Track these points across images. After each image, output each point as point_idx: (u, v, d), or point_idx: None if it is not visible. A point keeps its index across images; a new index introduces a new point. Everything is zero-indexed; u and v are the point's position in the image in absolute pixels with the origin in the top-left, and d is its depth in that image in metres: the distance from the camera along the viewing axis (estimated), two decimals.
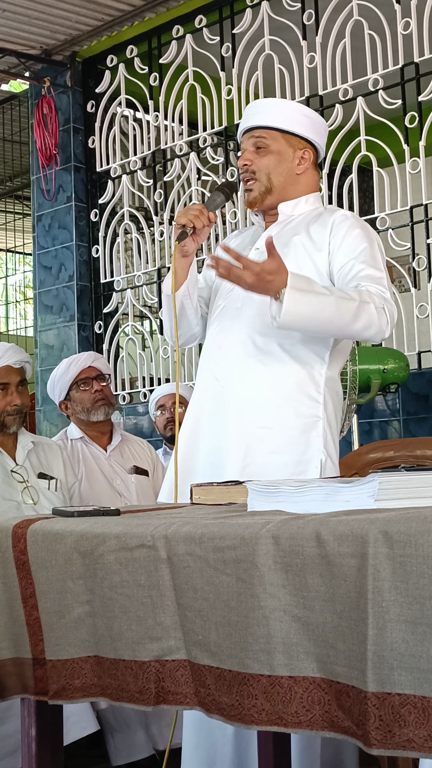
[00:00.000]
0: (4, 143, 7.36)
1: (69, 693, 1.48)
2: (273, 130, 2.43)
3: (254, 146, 2.44)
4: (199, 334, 2.58)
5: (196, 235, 2.39)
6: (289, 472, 2.27)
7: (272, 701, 1.23)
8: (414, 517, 1.15)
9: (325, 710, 1.19)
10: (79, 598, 1.49)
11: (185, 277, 2.45)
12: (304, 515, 1.31)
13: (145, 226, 5.74)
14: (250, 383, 2.34)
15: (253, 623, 1.25)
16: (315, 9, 4.89)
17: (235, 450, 2.32)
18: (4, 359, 3.09)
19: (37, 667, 1.54)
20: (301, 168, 2.46)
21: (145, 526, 1.43)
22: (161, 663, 1.38)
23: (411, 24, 4.48)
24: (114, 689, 1.43)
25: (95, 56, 5.88)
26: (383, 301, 2.26)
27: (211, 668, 1.31)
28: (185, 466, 2.37)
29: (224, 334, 2.42)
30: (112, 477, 3.54)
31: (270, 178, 2.43)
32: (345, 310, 2.22)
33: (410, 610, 1.10)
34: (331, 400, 2.37)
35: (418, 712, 1.08)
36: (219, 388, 2.38)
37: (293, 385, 2.33)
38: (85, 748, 3.11)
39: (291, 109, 2.49)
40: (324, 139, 2.52)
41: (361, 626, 1.14)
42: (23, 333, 9.89)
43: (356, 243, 2.34)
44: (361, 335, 2.31)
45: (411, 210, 4.55)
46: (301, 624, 1.22)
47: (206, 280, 2.62)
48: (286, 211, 2.47)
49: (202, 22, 5.28)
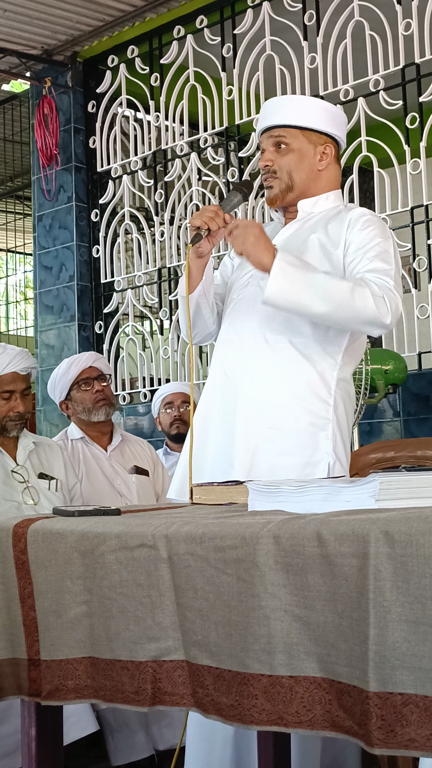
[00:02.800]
0: (4, 143, 7.37)
1: (62, 694, 1.48)
2: (292, 128, 2.40)
3: (274, 146, 2.40)
4: (215, 332, 2.55)
5: (211, 236, 2.35)
6: (297, 474, 2.24)
7: (273, 701, 1.22)
8: (415, 517, 1.15)
9: (326, 710, 1.19)
10: (76, 598, 1.48)
11: (200, 277, 2.41)
12: (305, 515, 1.31)
13: (145, 226, 5.74)
14: (260, 382, 2.32)
15: (254, 623, 1.25)
16: (316, 10, 4.89)
17: (243, 449, 2.30)
18: (12, 365, 3.08)
19: (31, 668, 1.54)
20: (323, 164, 2.42)
21: (146, 525, 1.43)
22: (158, 663, 1.38)
23: (412, 25, 4.48)
24: (108, 690, 1.43)
25: (96, 56, 5.88)
26: (384, 290, 2.21)
27: (210, 668, 1.31)
28: (194, 464, 2.35)
29: (236, 330, 2.40)
30: (113, 477, 3.54)
31: (291, 176, 2.40)
32: (336, 288, 2.19)
33: (412, 610, 1.10)
34: (342, 402, 2.33)
35: (420, 712, 1.08)
36: (229, 385, 2.36)
37: (303, 385, 2.30)
38: (85, 748, 3.11)
39: (309, 104, 2.45)
40: (344, 131, 2.48)
41: (362, 626, 1.13)
42: (23, 333, 9.90)
43: (369, 237, 2.31)
44: (357, 320, 2.23)
45: (411, 211, 4.55)
46: (301, 624, 1.22)
47: (223, 277, 2.60)
48: (306, 209, 2.44)
49: (203, 23, 5.28)
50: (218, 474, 2.28)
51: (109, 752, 2.97)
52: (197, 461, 2.35)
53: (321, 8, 4.87)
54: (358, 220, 2.35)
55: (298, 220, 2.44)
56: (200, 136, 5.35)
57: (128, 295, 5.70)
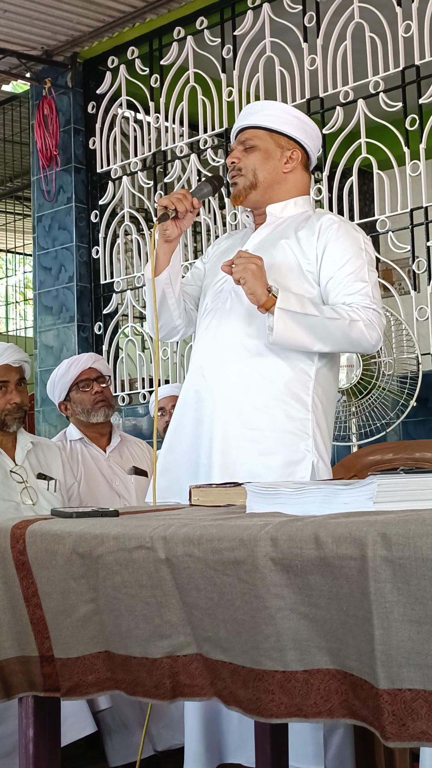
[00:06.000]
0: (4, 144, 7.36)
1: (83, 689, 1.48)
2: (260, 130, 2.48)
3: (242, 145, 2.48)
4: (181, 329, 2.59)
5: (179, 219, 2.41)
6: (279, 474, 2.27)
7: (290, 695, 1.23)
8: (412, 520, 1.15)
9: (343, 699, 1.20)
10: (83, 597, 1.48)
11: (167, 263, 2.46)
12: (303, 517, 1.31)
13: (145, 227, 5.74)
14: (239, 384, 2.35)
15: (261, 622, 1.25)
16: (316, 11, 4.89)
17: (222, 451, 2.33)
18: (3, 358, 3.10)
19: (44, 665, 1.54)
20: (289, 167, 2.48)
21: (144, 527, 1.43)
22: (173, 659, 1.38)
23: (412, 27, 4.48)
24: (129, 683, 1.43)
25: (96, 57, 5.88)
26: (372, 315, 2.32)
27: (225, 663, 1.31)
28: (169, 467, 2.41)
29: (212, 334, 2.43)
30: (112, 478, 3.54)
31: (255, 173, 2.46)
32: (334, 328, 2.29)
33: (414, 610, 1.11)
34: (320, 401, 2.38)
35: (430, 706, 1.10)
36: (207, 387, 2.39)
37: (282, 386, 2.35)
38: (83, 749, 3.11)
39: (279, 109, 2.53)
40: (315, 143, 2.55)
41: (366, 625, 1.14)
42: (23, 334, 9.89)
43: (342, 252, 2.38)
44: (353, 349, 2.42)
45: (411, 213, 4.55)
46: (309, 621, 1.22)
47: (194, 277, 2.63)
48: (275, 213, 2.50)
49: (203, 24, 5.28)
50: (195, 477, 2.32)
51: (107, 753, 2.97)
52: (171, 465, 2.40)
53: (321, 10, 4.87)
54: (328, 229, 2.41)
55: (267, 225, 2.49)
56: (200, 138, 5.35)
57: (128, 296, 5.70)
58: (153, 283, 2.43)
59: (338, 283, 2.36)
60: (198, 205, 2.42)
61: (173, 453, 2.43)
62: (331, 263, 2.37)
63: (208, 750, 2.40)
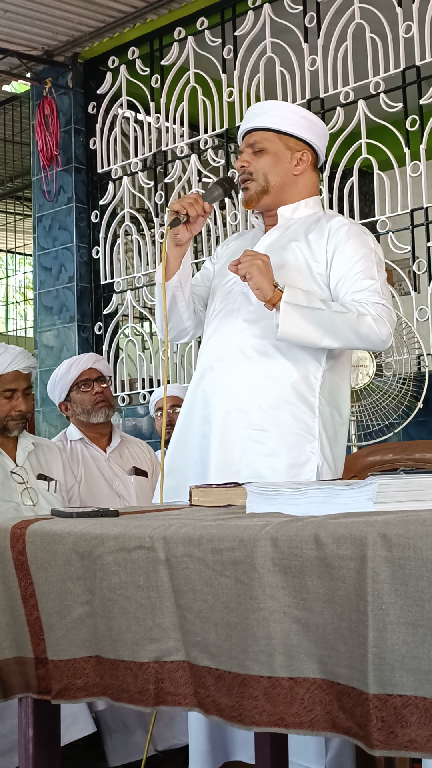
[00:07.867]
0: (5, 144, 7.36)
1: (71, 693, 1.48)
2: (269, 132, 2.45)
3: (251, 148, 2.46)
4: (190, 330, 2.59)
5: (190, 224, 2.40)
6: (283, 475, 2.27)
7: (273, 702, 1.22)
8: (412, 520, 1.15)
9: (326, 711, 1.19)
10: (78, 599, 1.48)
11: (178, 266, 2.45)
12: (303, 517, 1.31)
13: (145, 227, 5.74)
14: (245, 385, 2.35)
15: (253, 625, 1.25)
16: (317, 12, 4.89)
17: (227, 452, 2.32)
18: (14, 364, 3.09)
19: (39, 666, 1.54)
20: (299, 169, 2.47)
21: (144, 527, 1.43)
22: (160, 664, 1.38)
23: (412, 27, 4.48)
24: (115, 689, 1.43)
25: (97, 57, 5.88)
26: (381, 310, 2.29)
27: (211, 669, 1.31)
28: (175, 468, 2.40)
29: (220, 335, 2.43)
30: (112, 478, 3.54)
31: (267, 178, 2.45)
32: (342, 323, 2.26)
33: (410, 613, 1.10)
34: (327, 403, 2.37)
35: (420, 713, 1.08)
36: (214, 389, 2.38)
37: (289, 387, 2.34)
38: (83, 749, 3.11)
39: (287, 110, 2.50)
40: (323, 142, 2.53)
41: (361, 628, 1.14)
42: (23, 334, 9.89)
43: (351, 253, 2.36)
44: (363, 345, 2.34)
45: (411, 213, 4.55)
46: (301, 625, 1.22)
47: (203, 279, 2.63)
48: (285, 215, 2.48)
49: (204, 24, 5.28)
50: (201, 477, 2.31)
51: (106, 753, 2.97)
52: (178, 465, 2.39)
53: (322, 10, 4.87)
54: (338, 231, 2.39)
55: (278, 227, 2.48)
56: (200, 138, 5.35)
57: (128, 297, 5.70)
58: (164, 288, 2.43)
59: (347, 282, 2.34)
60: (209, 209, 2.40)
61: (180, 453, 2.42)
62: (340, 264, 2.36)
63: (213, 748, 2.39)
